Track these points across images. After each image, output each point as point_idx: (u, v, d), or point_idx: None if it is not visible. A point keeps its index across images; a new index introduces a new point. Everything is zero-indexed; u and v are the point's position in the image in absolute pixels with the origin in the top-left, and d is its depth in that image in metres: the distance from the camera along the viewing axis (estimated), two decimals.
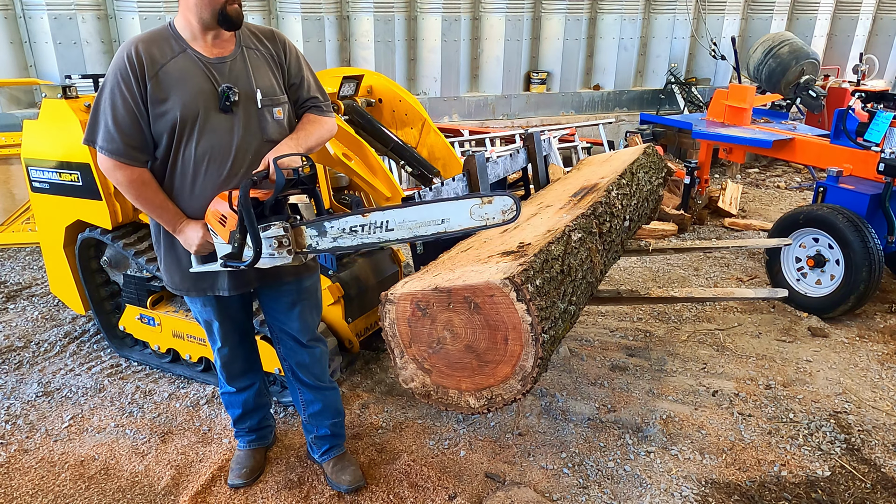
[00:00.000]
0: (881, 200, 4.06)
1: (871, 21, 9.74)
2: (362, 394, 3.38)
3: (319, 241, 2.06)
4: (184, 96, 2.11)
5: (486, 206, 1.85)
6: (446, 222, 1.91)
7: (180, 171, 2.19)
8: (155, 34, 2.17)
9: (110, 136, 2.10)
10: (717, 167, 7.93)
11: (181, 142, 2.15)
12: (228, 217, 2.08)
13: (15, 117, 6.21)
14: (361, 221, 1.98)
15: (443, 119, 7.95)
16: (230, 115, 2.17)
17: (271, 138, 2.25)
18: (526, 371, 1.86)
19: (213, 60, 2.17)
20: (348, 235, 2.00)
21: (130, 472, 2.83)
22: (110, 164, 2.14)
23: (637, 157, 3.20)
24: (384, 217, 1.96)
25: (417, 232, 1.94)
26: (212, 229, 2.15)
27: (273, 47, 2.29)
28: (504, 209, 1.84)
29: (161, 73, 2.10)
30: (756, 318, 4.25)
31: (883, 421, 3.17)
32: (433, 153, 3.80)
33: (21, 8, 6.45)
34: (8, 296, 4.58)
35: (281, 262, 2.08)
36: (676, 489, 2.72)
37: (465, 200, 1.88)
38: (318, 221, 2.04)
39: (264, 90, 2.22)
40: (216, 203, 2.13)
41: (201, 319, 2.53)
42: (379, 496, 2.66)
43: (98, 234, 3.37)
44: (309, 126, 2.34)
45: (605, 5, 8.47)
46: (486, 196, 1.86)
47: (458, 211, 1.89)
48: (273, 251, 2.05)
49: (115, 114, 2.09)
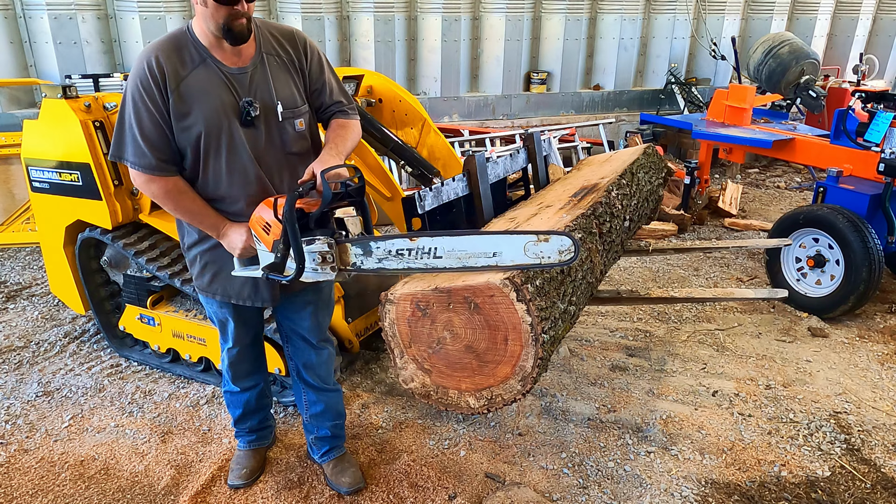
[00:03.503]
0: (881, 200, 4.06)
1: (872, 21, 9.74)
2: (362, 394, 3.38)
3: (364, 261, 1.99)
4: (206, 111, 2.08)
5: (541, 244, 1.78)
6: (497, 256, 1.83)
7: (211, 182, 2.17)
8: (174, 41, 2.11)
9: (141, 151, 2.07)
10: (717, 167, 7.93)
11: (207, 155, 2.13)
12: (272, 225, 2.02)
13: (15, 117, 6.21)
14: (409, 245, 1.91)
15: (443, 119, 7.95)
16: (252, 129, 2.14)
17: (293, 150, 2.24)
18: (526, 371, 1.86)
19: (234, 71, 2.12)
20: (394, 258, 1.94)
21: (130, 472, 2.83)
22: (144, 179, 2.11)
23: (637, 158, 3.20)
24: (433, 243, 1.89)
25: (466, 263, 1.86)
26: (255, 236, 2.10)
27: (294, 52, 2.24)
28: (561, 249, 1.76)
29: (183, 87, 2.06)
30: (756, 319, 4.25)
31: (883, 421, 3.17)
32: (433, 153, 3.80)
33: (21, 8, 6.44)
34: (8, 296, 4.58)
35: (323, 277, 2.02)
36: (676, 489, 2.72)
37: (521, 236, 1.81)
38: (364, 240, 1.98)
39: (285, 102, 2.19)
40: (261, 209, 2.08)
41: (216, 319, 2.52)
42: (379, 496, 2.66)
43: (98, 234, 3.37)
44: (342, 132, 2.28)
45: (605, 5, 8.47)
46: (542, 234, 1.78)
47: (511, 245, 1.81)
48: (316, 266, 2.00)
49: (142, 127, 2.05)
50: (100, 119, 3.23)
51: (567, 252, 1.76)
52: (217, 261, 2.30)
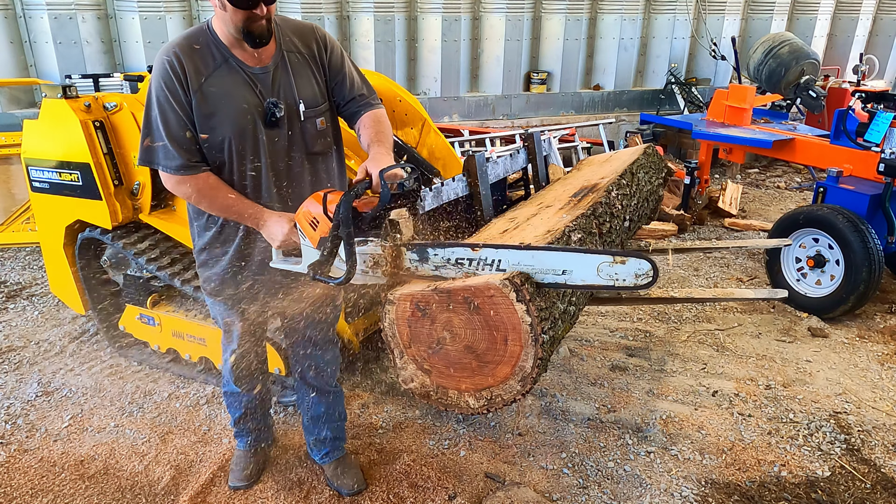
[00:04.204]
0: (881, 201, 4.06)
1: (872, 21, 9.74)
2: (362, 394, 3.38)
3: (419, 267, 1.88)
4: (231, 113, 2.06)
5: (616, 266, 1.67)
6: (567, 274, 1.72)
7: (237, 183, 2.16)
8: (193, 39, 2.07)
9: (171, 154, 2.05)
10: (717, 167, 7.93)
11: (232, 157, 2.11)
12: (320, 221, 1.92)
13: (15, 117, 6.21)
14: (470, 255, 1.81)
15: (443, 119, 7.95)
16: (276, 130, 2.13)
17: (314, 150, 2.23)
18: (525, 371, 1.86)
19: (256, 71, 2.10)
20: (452, 267, 1.84)
21: (130, 472, 2.83)
22: (176, 181, 2.09)
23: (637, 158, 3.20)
24: (497, 255, 1.79)
25: (533, 278, 1.75)
26: (300, 229, 2.00)
27: (314, 47, 2.21)
28: (638, 273, 1.64)
29: (205, 88, 2.04)
30: (756, 319, 4.25)
31: (883, 421, 3.17)
32: (433, 153, 3.80)
33: (21, 7, 6.45)
34: (8, 296, 4.58)
35: (373, 281, 1.91)
36: (676, 489, 2.72)
37: (595, 255, 1.69)
38: (422, 245, 1.87)
39: (307, 101, 2.17)
40: (309, 203, 1.98)
41: (221, 321, 2.51)
42: (379, 496, 2.66)
43: (98, 234, 3.37)
44: (381, 127, 2.23)
45: (606, 5, 8.47)
46: (618, 255, 1.67)
47: (583, 264, 1.70)
48: (367, 269, 1.89)
49: (169, 128, 2.03)
50: (100, 119, 3.23)
51: (645, 276, 1.64)
52: (228, 264, 2.29)
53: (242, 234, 2.24)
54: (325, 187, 2.27)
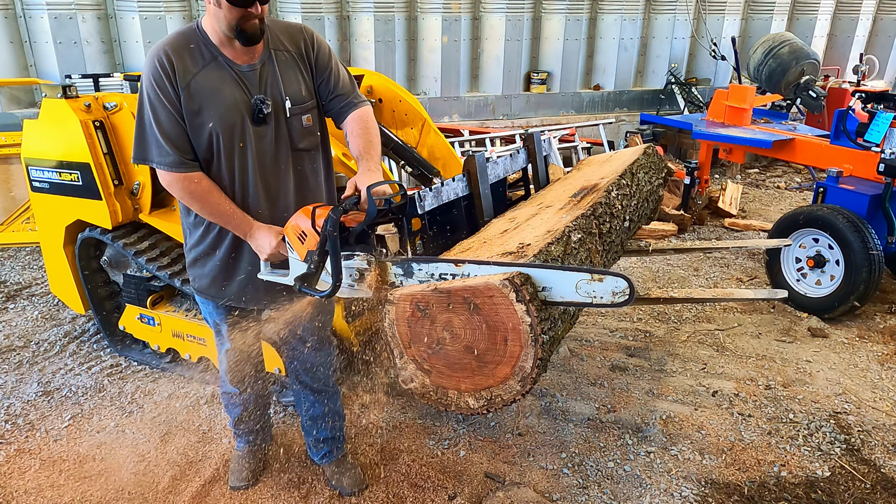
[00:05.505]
0: (881, 201, 4.06)
1: (872, 21, 9.74)
2: (362, 394, 3.38)
3: (404, 281, 1.92)
4: (219, 108, 2.08)
5: (594, 283, 1.71)
6: (547, 291, 1.76)
7: (226, 180, 2.17)
8: (183, 38, 2.10)
9: (164, 150, 2.07)
10: (717, 167, 7.93)
11: (219, 154, 2.13)
12: (308, 235, 1.97)
13: (15, 117, 6.21)
14: (453, 270, 1.84)
15: (443, 119, 7.95)
16: (263, 127, 2.15)
17: (300, 147, 2.24)
18: (525, 372, 1.86)
19: (244, 69, 2.13)
20: (436, 282, 1.88)
21: (130, 472, 2.83)
22: (171, 178, 2.11)
23: (637, 158, 3.20)
24: (479, 272, 1.82)
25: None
26: (288, 242, 2.05)
27: (302, 45, 2.23)
28: (615, 290, 1.69)
29: (193, 84, 2.06)
30: (756, 319, 4.25)
31: (883, 421, 3.17)
32: (433, 153, 3.80)
33: (21, 7, 6.44)
34: (8, 296, 4.58)
35: (360, 295, 1.95)
36: (676, 489, 2.72)
37: (572, 273, 1.74)
38: (406, 260, 1.93)
39: (293, 97, 2.19)
40: (298, 217, 2.03)
41: (210, 321, 2.53)
42: (379, 496, 2.66)
43: (98, 234, 3.37)
44: (369, 135, 2.25)
45: (606, 5, 8.47)
46: (596, 273, 1.70)
47: (562, 280, 1.74)
48: (353, 282, 1.93)
49: (162, 126, 2.06)
50: (100, 119, 3.23)
51: (622, 294, 1.68)
52: (216, 264, 2.30)
53: (233, 234, 2.25)
54: (310, 184, 2.31)
